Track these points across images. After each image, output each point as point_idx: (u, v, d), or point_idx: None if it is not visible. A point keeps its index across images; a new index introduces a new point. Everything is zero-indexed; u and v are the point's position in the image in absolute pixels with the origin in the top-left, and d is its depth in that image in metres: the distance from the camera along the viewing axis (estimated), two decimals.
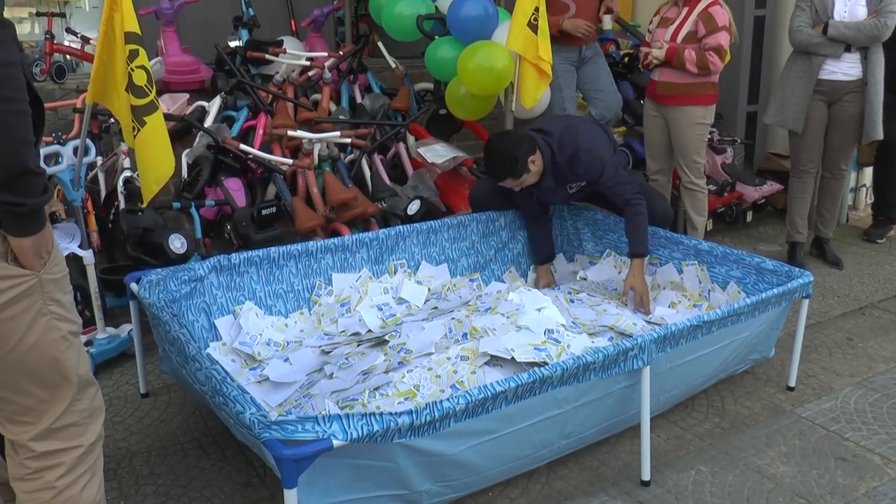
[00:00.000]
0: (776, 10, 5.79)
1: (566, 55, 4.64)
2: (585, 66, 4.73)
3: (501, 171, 3.54)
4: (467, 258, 3.84)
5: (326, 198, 4.00)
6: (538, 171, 3.57)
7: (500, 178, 3.58)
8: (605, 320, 3.23)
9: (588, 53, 4.69)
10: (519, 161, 3.48)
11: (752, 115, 5.90)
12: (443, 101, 4.78)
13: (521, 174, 3.51)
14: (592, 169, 3.53)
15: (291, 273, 3.34)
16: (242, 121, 4.60)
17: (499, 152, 3.52)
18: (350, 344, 3.07)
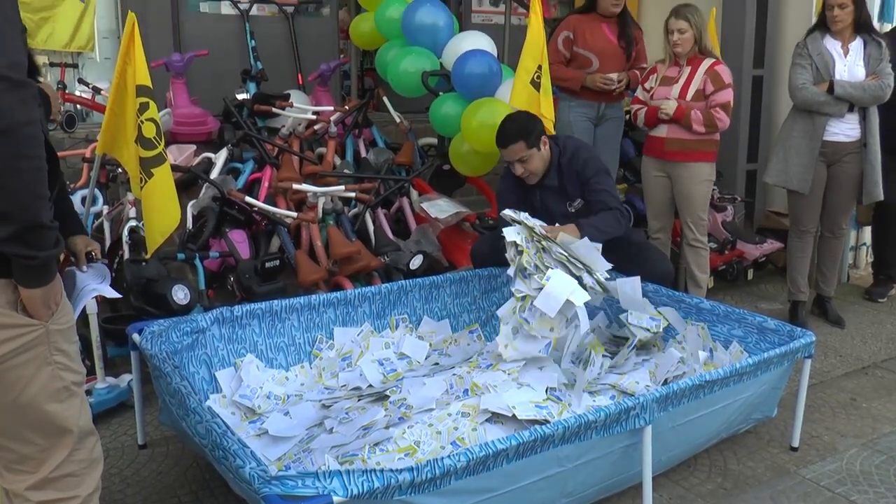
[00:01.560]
0: (774, 69, 5.88)
1: (584, 110, 4.72)
2: (601, 125, 4.80)
3: (515, 131, 3.62)
4: (469, 314, 3.84)
5: (330, 251, 4.02)
6: (545, 160, 3.66)
7: (512, 140, 3.62)
8: (607, 378, 3.23)
9: (608, 112, 4.76)
10: (534, 132, 3.58)
11: (751, 174, 5.95)
12: (446, 156, 4.82)
13: (533, 146, 3.60)
14: (589, 166, 3.62)
15: (293, 326, 3.34)
16: (248, 173, 4.63)
17: (515, 119, 3.67)
18: (350, 398, 3.06)
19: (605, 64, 4.64)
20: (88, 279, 2.09)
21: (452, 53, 4.57)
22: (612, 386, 3.15)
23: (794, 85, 4.44)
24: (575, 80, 4.63)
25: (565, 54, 4.68)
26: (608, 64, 4.64)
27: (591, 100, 4.70)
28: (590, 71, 4.64)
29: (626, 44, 4.70)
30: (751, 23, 5.70)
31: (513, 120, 3.68)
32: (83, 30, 5.23)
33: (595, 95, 4.67)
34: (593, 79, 4.59)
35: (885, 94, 4.34)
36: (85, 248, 2.13)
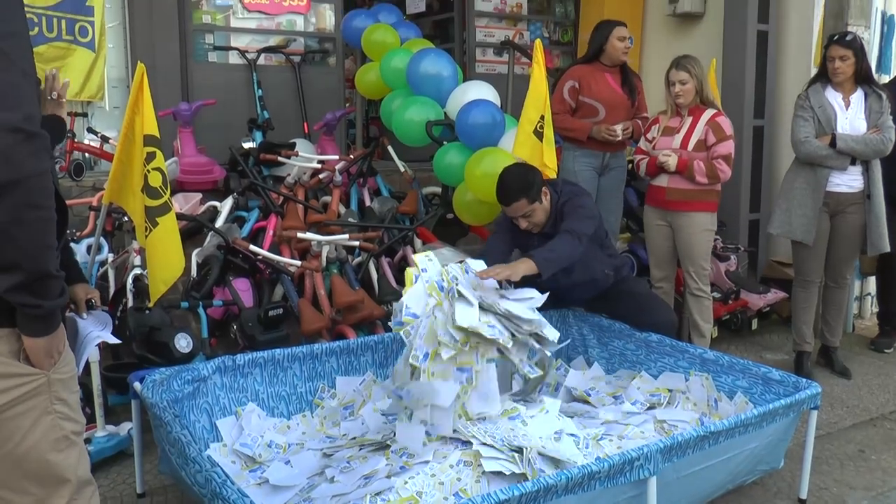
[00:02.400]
0: (774, 120, 5.94)
1: (589, 160, 4.76)
2: (605, 175, 4.83)
3: (516, 189, 3.58)
4: None
5: (333, 300, 4.02)
6: (546, 211, 3.64)
7: (515, 198, 3.60)
8: (612, 430, 3.20)
9: (612, 162, 4.80)
10: (535, 186, 3.57)
11: (754, 223, 5.97)
12: (450, 205, 4.85)
13: (535, 200, 3.59)
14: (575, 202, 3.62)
15: (295, 375, 3.33)
16: (253, 221, 4.65)
17: (515, 174, 3.64)
18: (352, 447, 3.03)
19: (611, 112, 4.69)
20: (90, 326, 2.10)
21: (456, 103, 4.63)
22: (618, 437, 3.13)
23: (796, 138, 4.46)
24: (581, 130, 4.68)
25: (571, 104, 4.74)
26: (614, 112, 4.70)
27: (595, 149, 4.74)
28: (596, 120, 4.69)
29: (629, 92, 4.76)
30: (751, 73, 5.78)
31: (513, 176, 3.65)
32: (94, 79, 5.31)
33: (600, 145, 4.72)
34: (599, 129, 4.64)
35: (887, 147, 4.37)
36: (85, 296, 2.14)
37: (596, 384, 3.75)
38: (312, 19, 6.21)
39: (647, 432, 3.18)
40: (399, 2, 7.30)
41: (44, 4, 5.01)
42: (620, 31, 4.70)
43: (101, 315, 2.16)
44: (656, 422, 3.31)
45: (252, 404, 3.17)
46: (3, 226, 1.52)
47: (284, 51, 6.04)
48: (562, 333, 3.98)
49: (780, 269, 5.62)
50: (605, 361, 3.93)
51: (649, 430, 3.22)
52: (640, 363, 3.76)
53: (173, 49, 5.61)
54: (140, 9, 5.45)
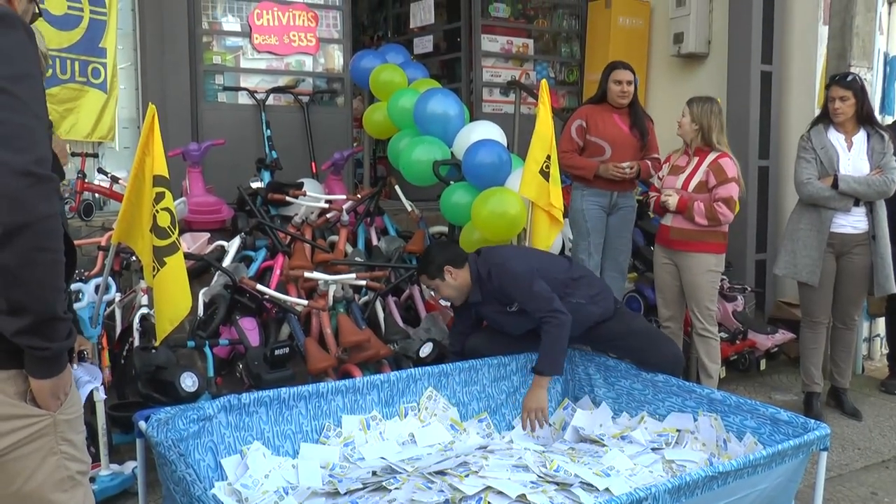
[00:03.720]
0: (779, 160, 5.96)
1: (597, 199, 4.77)
2: (614, 214, 4.85)
3: (419, 267, 3.86)
4: (478, 402, 3.81)
5: (339, 339, 4.02)
6: (457, 287, 3.76)
7: (418, 274, 3.87)
8: (618, 463, 3.19)
9: (620, 201, 4.81)
10: (434, 263, 3.73)
11: (760, 263, 5.96)
12: (457, 244, 4.83)
13: (434, 277, 3.74)
14: (506, 285, 3.66)
15: (301, 414, 3.32)
16: (260, 261, 4.67)
17: (426, 251, 3.87)
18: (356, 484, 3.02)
19: (618, 151, 4.71)
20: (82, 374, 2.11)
21: (463, 143, 4.66)
22: (626, 476, 3.11)
23: (799, 180, 4.48)
24: (588, 168, 4.70)
25: (578, 143, 4.76)
26: (620, 151, 4.71)
27: (603, 188, 4.75)
28: (602, 159, 4.71)
29: (639, 133, 4.77)
30: (755, 113, 5.82)
31: (424, 252, 3.89)
32: (105, 120, 5.37)
33: (608, 184, 4.73)
34: (606, 168, 4.66)
35: (890, 189, 4.37)
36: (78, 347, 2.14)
37: (603, 424, 3.74)
38: (321, 59, 6.30)
39: (655, 472, 3.16)
40: (407, 42, 7.44)
41: (58, 46, 5.11)
42: (617, 75, 4.72)
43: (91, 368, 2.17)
44: (665, 461, 3.29)
45: (257, 443, 3.16)
46: (13, 269, 1.53)
47: (293, 91, 6.11)
48: (568, 373, 4.02)
49: (788, 309, 5.60)
50: (611, 401, 3.90)
51: (658, 470, 3.20)
52: (647, 403, 3.74)
53: (184, 89, 5.69)
54: (152, 50, 5.54)
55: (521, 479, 2.94)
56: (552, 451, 3.45)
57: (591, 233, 4.78)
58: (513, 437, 3.69)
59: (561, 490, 2.91)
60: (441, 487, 2.88)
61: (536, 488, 2.87)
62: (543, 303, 3.61)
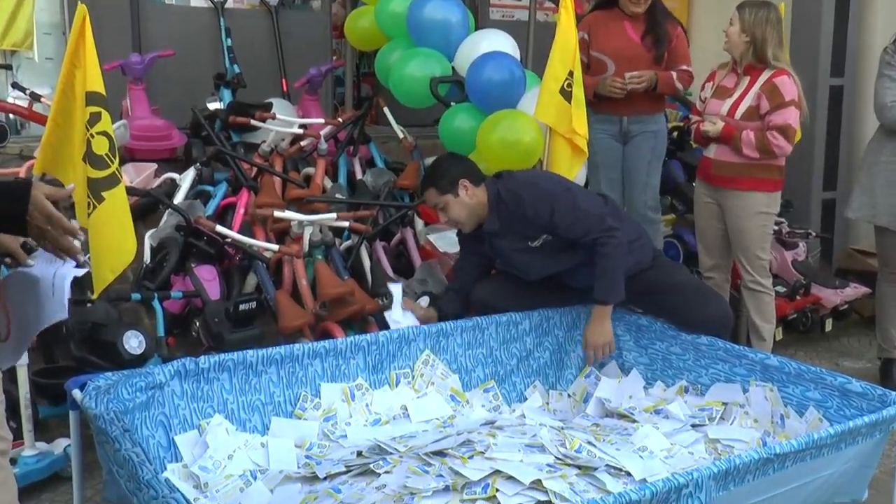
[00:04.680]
0: (857, 79, 5.89)
1: (606, 126, 4.73)
2: (629, 143, 4.81)
3: (427, 178, 3.81)
4: (484, 368, 3.82)
5: (317, 292, 4.02)
6: (471, 207, 3.73)
7: (424, 188, 3.81)
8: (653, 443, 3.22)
9: (633, 128, 4.75)
10: (448, 175, 3.69)
11: (828, 204, 5.94)
12: None
13: (446, 192, 3.70)
14: (539, 207, 3.63)
15: (271, 382, 3.33)
16: (220, 198, 4.65)
17: (436, 161, 3.84)
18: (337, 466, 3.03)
19: (624, 68, 4.65)
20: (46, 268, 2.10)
21: (467, 56, 4.61)
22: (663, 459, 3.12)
23: (881, 102, 4.42)
24: (588, 87, 4.50)
25: (583, 59, 4.69)
26: (627, 67, 4.65)
27: (610, 112, 4.71)
28: (605, 77, 4.67)
29: (653, 42, 4.68)
30: (828, 24, 5.73)
31: (432, 164, 3.85)
32: (19, 24, 5.27)
33: (616, 106, 4.68)
34: (604, 83, 4.61)
35: None
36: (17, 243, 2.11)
37: (633, 395, 3.76)
38: None
39: (697, 454, 3.17)
40: None
41: None
42: None
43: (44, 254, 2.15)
44: (708, 441, 3.30)
45: (219, 416, 3.16)
46: None
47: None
48: None
49: (862, 259, 5.59)
50: (643, 368, 3.92)
51: (700, 452, 3.21)
52: (686, 370, 3.75)
53: None
54: None
55: (536, 462, 2.94)
56: (572, 427, 3.46)
57: (602, 167, 4.77)
58: (525, 411, 3.70)
59: (583, 475, 2.92)
60: (440, 471, 2.88)
61: (554, 472, 2.87)
62: (594, 221, 3.62)
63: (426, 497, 2.73)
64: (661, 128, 4.90)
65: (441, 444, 3.08)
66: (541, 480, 2.79)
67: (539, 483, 2.78)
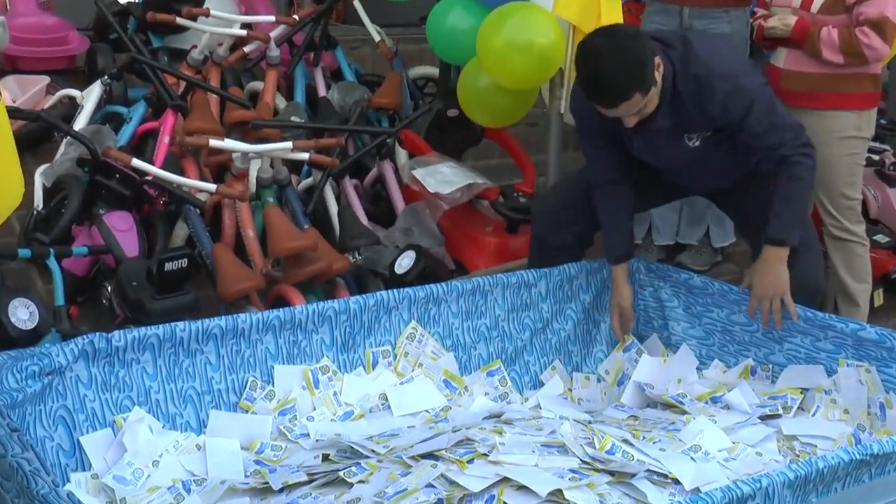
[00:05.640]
0: None
1: (661, 19, 4.73)
2: None
3: (625, 82, 3.44)
4: (487, 344, 3.84)
5: (269, 246, 4.03)
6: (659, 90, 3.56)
7: (624, 95, 3.46)
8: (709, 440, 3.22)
9: (695, 23, 4.70)
10: (648, 63, 3.45)
11: None
12: (453, 95, 4.83)
13: (650, 88, 3.47)
14: (733, 105, 3.57)
15: (209, 364, 3.33)
16: (137, 122, 4.63)
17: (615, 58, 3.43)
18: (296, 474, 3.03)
19: None
20: None
21: None
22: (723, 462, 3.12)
23: None
24: None
25: None
26: None
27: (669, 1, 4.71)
28: None
29: None
30: None
31: (612, 61, 3.46)
32: None
33: None
34: None
35: None
36: None
37: (682, 379, 3.76)
38: None
39: (767, 455, 3.17)
40: None
41: None
42: None
43: None
44: (782, 438, 3.31)
45: (140, 410, 3.16)
46: None
47: None
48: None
49: None
50: (696, 343, 3.94)
51: (771, 452, 3.21)
52: (753, 345, 3.76)
53: None
54: None
55: (556, 467, 2.94)
56: (603, 421, 3.48)
57: None
58: (541, 400, 3.71)
59: (617, 483, 2.92)
60: (430, 479, 2.87)
61: (579, 480, 2.87)
62: (792, 134, 3.63)
63: None
64: (738, 29, 4.84)
65: (432, 444, 3.09)
66: (562, 491, 2.79)
67: (559, 494, 2.78)
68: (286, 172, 4.37)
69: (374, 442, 3.22)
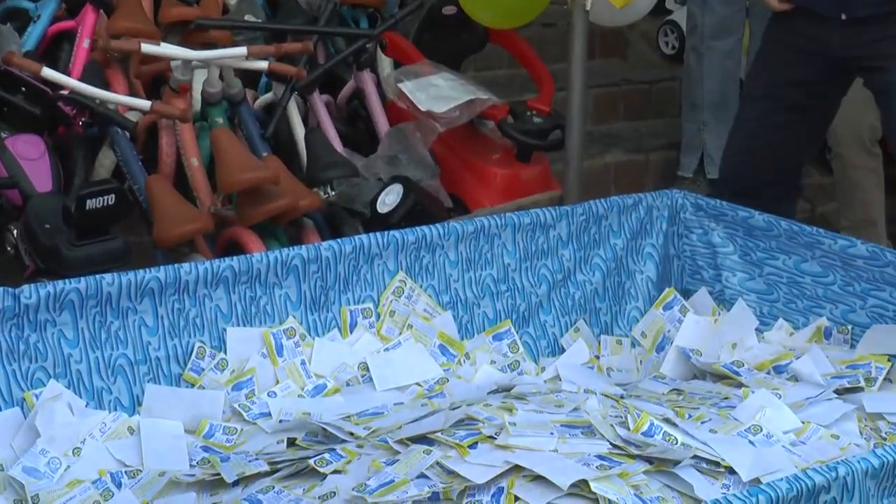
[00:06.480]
0: None
1: None
2: None
3: None
4: (494, 300, 3.87)
5: (218, 178, 4.05)
6: None
7: None
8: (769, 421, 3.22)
9: None
10: None
11: None
12: None
13: None
14: None
15: (144, 326, 3.33)
16: (47, 21, 4.66)
17: None
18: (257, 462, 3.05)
19: None
20: None
21: None
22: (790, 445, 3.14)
23: None
24: None
25: None
26: None
27: None
28: None
29: None
30: None
31: None
32: None
33: None
34: None
35: None
36: None
37: (738, 343, 3.79)
38: None
39: (845, 437, 3.18)
40: None
41: None
42: None
43: None
44: (864, 417, 3.32)
45: (57, 384, 3.17)
46: None
47: None
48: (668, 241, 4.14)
49: None
50: (756, 298, 3.96)
51: (850, 434, 3.22)
52: (830, 302, 3.77)
53: None
54: None
55: (580, 453, 2.95)
56: (639, 395, 3.49)
57: None
58: (561, 370, 3.73)
59: (656, 472, 2.92)
60: (422, 468, 2.89)
61: (609, 469, 2.87)
62: None
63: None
64: None
65: (425, 425, 3.10)
66: (587, 483, 2.79)
67: (584, 487, 2.78)
68: (239, 86, 4.39)
69: (353, 423, 3.23)
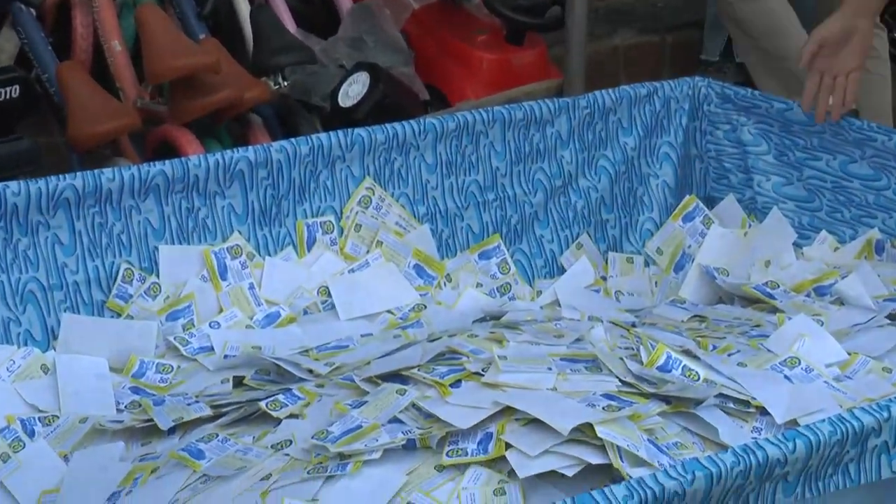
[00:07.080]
0: None
1: None
2: None
3: None
4: (480, 211, 3.88)
5: (146, 66, 4.04)
6: None
7: None
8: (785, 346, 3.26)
9: None
10: None
11: None
12: None
13: None
14: None
15: (59, 244, 3.34)
16: None
17: None
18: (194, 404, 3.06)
19: None
20: None
21: None
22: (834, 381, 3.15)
23: None
24: None
25: None
26: None
27: None
28: None
29: None
30: None
31: None
32: None
33: None
34: None
35: None
36: None
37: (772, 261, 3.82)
38: None
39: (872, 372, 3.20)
40: None
41: None
42: None
43: None
44: None
45: None
46: None
47: None
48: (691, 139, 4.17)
49: None
50: (793, 207, 4.00)
51: None
52: (882, 210, 3.79)
53: None
54: None
55: (583, 392, 2.96)
56: (654, 323, 3.51)
57: None
58: (559, 294, 3.77)
59: (674, 413, 2.92)
60: (396, 411, 2.89)
61: (618, 410, 2.86)
62: None
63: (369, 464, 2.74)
64: None
65: (398, 360, 3.11)
66: (592, 427, 2.77)
67: (589, 431, 2.76)
68: None
69: (312, 358, 3.25)
